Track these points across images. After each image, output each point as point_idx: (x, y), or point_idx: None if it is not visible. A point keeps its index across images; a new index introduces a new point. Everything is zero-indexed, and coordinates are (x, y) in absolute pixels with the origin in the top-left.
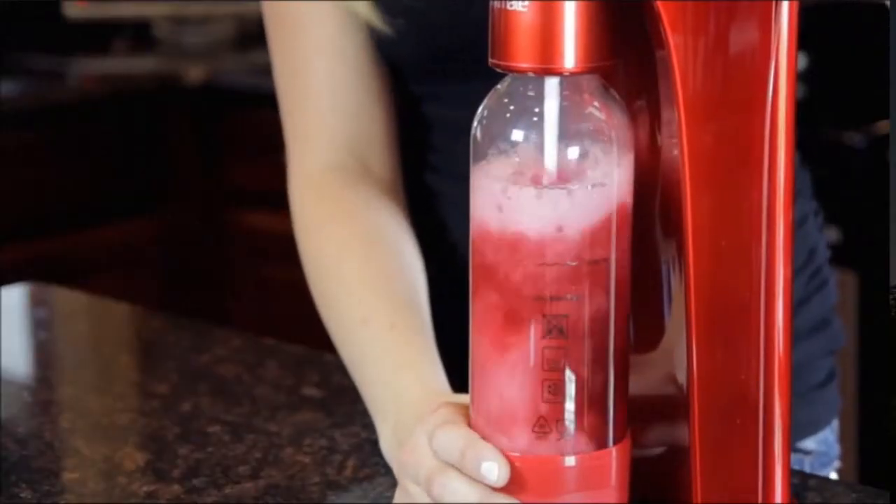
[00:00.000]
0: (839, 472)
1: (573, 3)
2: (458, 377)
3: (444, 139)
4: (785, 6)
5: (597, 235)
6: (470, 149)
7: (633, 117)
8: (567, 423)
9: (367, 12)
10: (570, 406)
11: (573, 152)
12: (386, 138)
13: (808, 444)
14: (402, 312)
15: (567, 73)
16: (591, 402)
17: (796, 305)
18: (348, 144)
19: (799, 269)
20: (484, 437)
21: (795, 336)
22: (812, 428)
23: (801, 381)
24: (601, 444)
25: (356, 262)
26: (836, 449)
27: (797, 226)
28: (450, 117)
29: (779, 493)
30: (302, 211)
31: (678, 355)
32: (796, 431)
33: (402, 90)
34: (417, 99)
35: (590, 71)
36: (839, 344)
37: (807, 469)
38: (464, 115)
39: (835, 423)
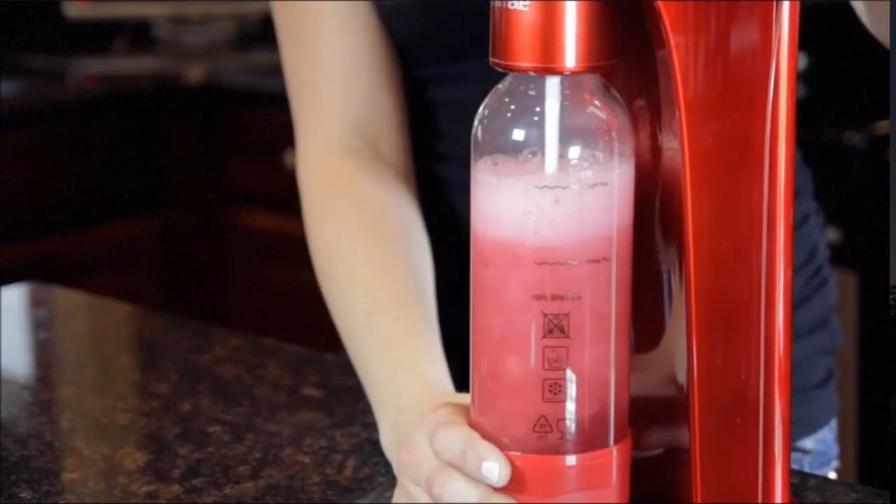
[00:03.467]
0: (838, 471)
1: (574, 3)
2: (462, 364)
3: (450, 125)
4: (786, 6)
5: (598, 235)
6: (471, 148)
7: (633, 117)
8: (568, 422)
9: None
10: (570, 405)
11: (574, 151)
12: (396, 122)
13: (807, 443)
14: (407, 306)
15: (568, 73)
16: (592, 401)
17: (796, 304)
18: (359, 127)
19: (800, 267)
20: (484, 437)
21: (795, 335)
22: (810, 427)
23: (800, 381)
24: (602, 443)
25: (364, 252)
26: (834, 448)
27: (798, 225)
28: (455, 99)
29: (779, 493)
30: (310, 195)
31: (678, 355)
32: (795, 430)
33: (407, 75)
34: (423, 83)
35: (591, 70)
36: (838, 343)
37: (805, 468)
38: (469, 95)
39: (833, 423)
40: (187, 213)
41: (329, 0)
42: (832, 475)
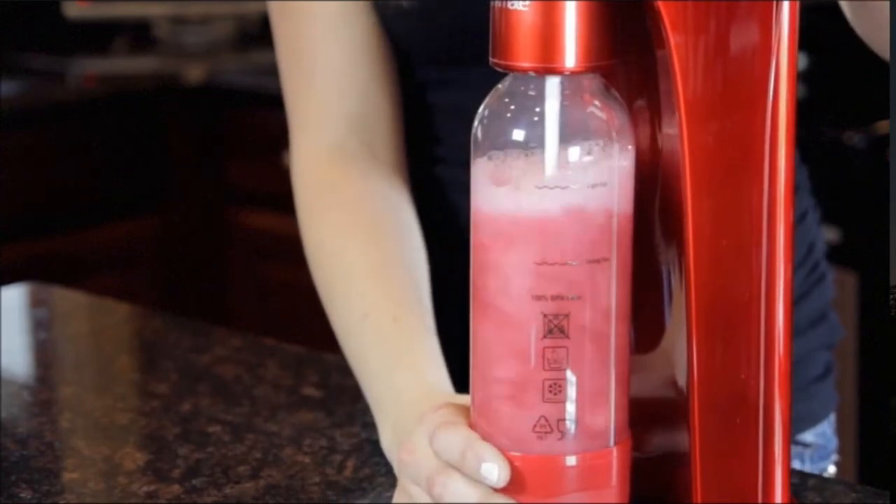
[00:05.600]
0: (837, 464)
1: (574, 3)
2: (461, 364)
3: (449, 128)
4: (785, 6)
5: (597, 235)
6: (470, 148)
7: (633, 117)
8: (568, 422)
9: None
10: (570, 406)
11: (574, 152)
12: (391, 122)
13: (807, 437)
14: (403, 306)
15: (568, 73)
16: (592, 401)
17: (796, 300)
18: (353, 127)
19: (798, 263)
20: (484, 437)
21: (794, 330)
22: (811, 421)
23: (800, 375)
24: (602, 443)
25: (359, 253)
26: (834, 442)
27: (797, 221)
28: (455, 104)
29: (779, 493)
30: (305, 196)
31: (678, 356)
32: (795, 424)
33: (406, 79)
34: (422, 88)
35: (591, 70)
36: (837, 337)
37: (806, 462)
38: (469, 101)
39: (832, 417)
40: (187, 213)
41: (325, 0)
42: (832, 468)
